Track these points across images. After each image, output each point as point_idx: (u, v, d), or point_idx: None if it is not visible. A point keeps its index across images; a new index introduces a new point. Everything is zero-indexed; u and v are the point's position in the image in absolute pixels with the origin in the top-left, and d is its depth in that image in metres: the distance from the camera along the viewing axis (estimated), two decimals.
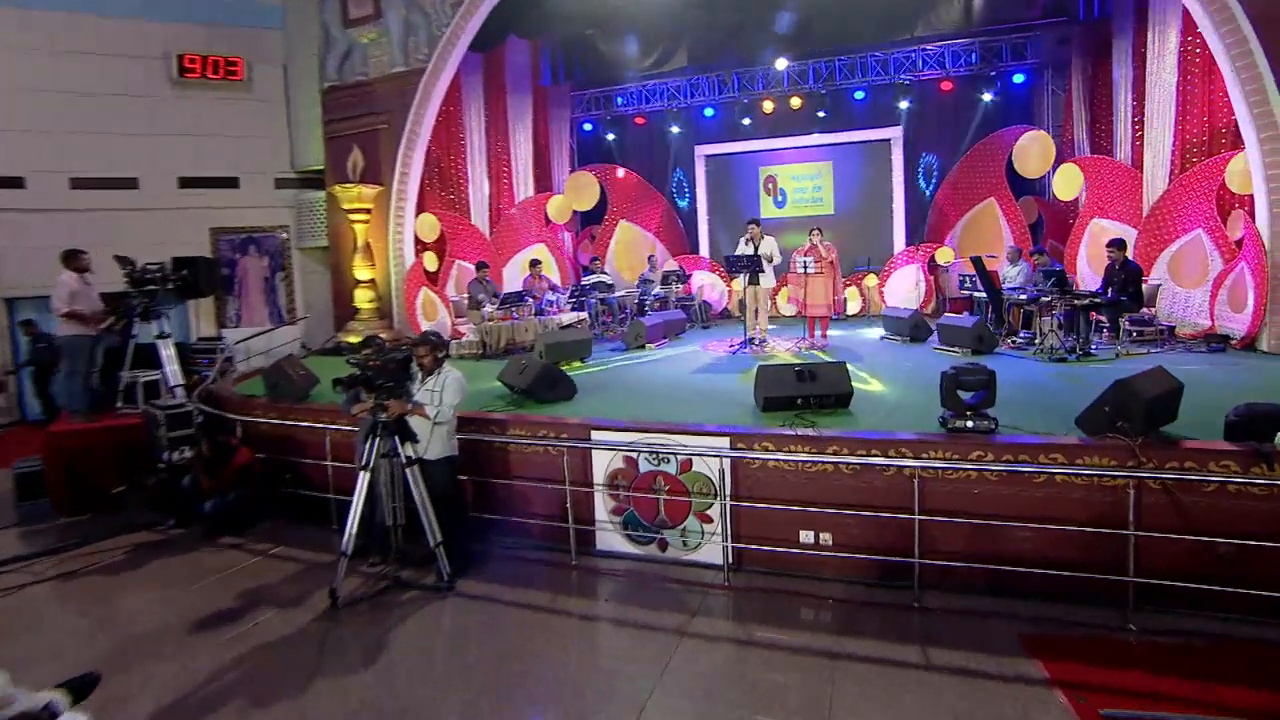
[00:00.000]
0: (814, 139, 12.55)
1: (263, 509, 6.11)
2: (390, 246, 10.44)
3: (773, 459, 4.76)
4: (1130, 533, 4.05)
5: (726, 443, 4.87)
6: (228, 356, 9.18)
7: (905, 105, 11.65)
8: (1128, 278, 7.28)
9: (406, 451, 4.68)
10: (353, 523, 4.60)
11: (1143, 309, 7.66)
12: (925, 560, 4.38)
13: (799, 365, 5.51)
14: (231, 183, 10.96)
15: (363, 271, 10.24)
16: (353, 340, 9.54)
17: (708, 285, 12.63)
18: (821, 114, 12.09)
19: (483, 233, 11.68)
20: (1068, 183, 9.60)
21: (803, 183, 12.94)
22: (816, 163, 12.82)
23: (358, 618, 4.48)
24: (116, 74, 10.13)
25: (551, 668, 3.92)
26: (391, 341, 5.81)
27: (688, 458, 4.95)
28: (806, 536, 4.75)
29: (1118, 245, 7.47)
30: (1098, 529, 4.15)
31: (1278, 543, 3.82)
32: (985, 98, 11.20)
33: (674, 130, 13.18)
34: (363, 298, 10.26)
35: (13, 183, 9.76)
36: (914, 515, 4.38)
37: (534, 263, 11.06)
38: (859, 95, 11.87)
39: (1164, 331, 7.79)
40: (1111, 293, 7.37)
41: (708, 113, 12.85)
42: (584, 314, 10.53)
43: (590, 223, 13.78)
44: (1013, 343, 8.04)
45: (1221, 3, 6.74)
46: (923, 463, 4.45)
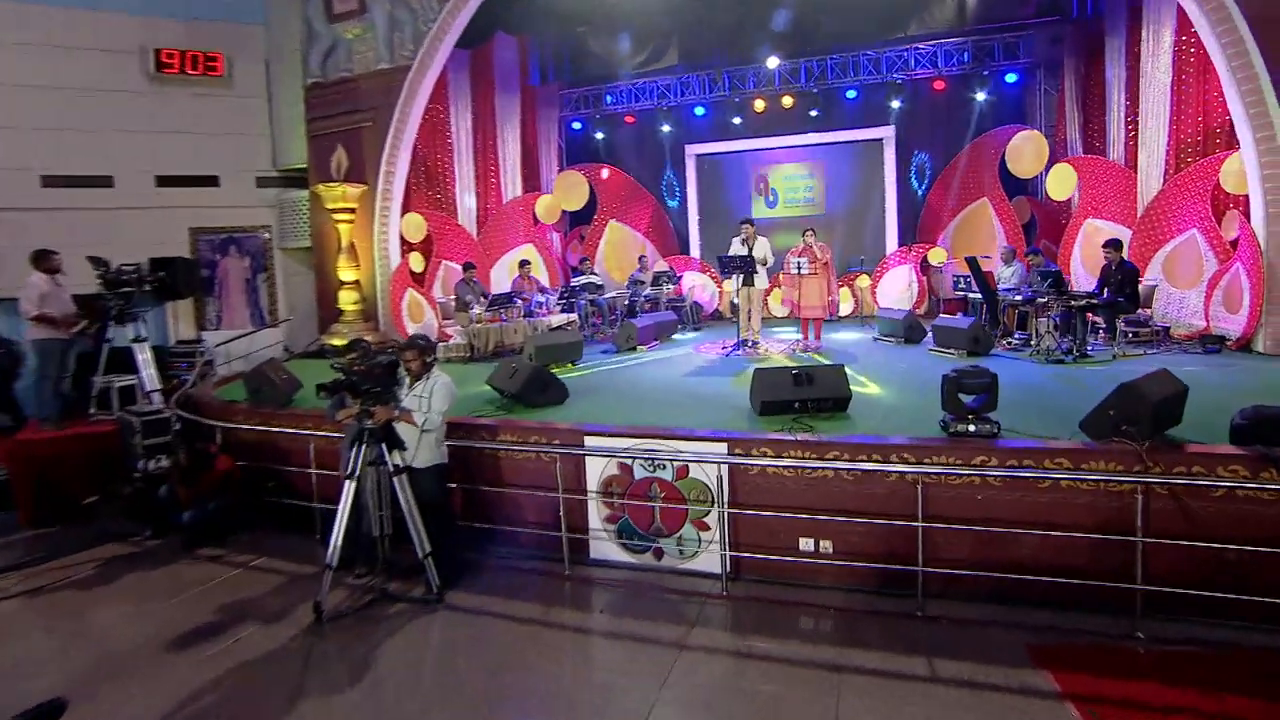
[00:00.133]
0: (806, 138, 12.46)
1: (244, 519, 5.94)
2: (375, 247, 10.29)
3: (772, 465, 4.68)
4: (1138, 539, 3.98)
5: (724, 448, 4.80)
6: (208, 360, 8.97)
7: (897, 104, 11.60)
8: (1124, 278, 7.26)
9: (394, 459, 4.58)
10: (338, 534, 4.48)
11: (1139, 310, 7.64)
12: (928, 568, 4.30)
13: (796, 368, 5.46)
14: (211, 181, 10.72)
15: (347, 273, 10.11)
16: (337, 343, 9.38)
17: (698, 286, 12.54)
18: (813, 113, 12.02)
19: (470, 233, 11.54)
20: (1061, 183, 9.59)
21: (794, 182, 12.87)
22: (808, 162, 12.75)
23: (343, 632, 4.35)
24: (90, 69, 9.83)
25: (545, 683, 3.82)
26: (377, 344, 5.67)
27: (684, 464, 4.87)
28: (806, 544, 4.68)
29: (1114, 245, 7.45)
30: (1104, 535, 4.09)
31: None
32: (978, 97, 11.18)
33: (664, 129, 13.07)
34: (347, 299, 10.12)
35: None
36: (917, 522, 4.31)
37: (523, 263, 10.94)
38: (851, 94, 11.80)
39: (1159, 332, 7.78)
40: (1108, 293, 7.34)
41: (698, 112, 12.74)
42: (574, 316, 10.42)
43: (579, 223, 13.63)
44: (1008, 344, 8.00)
45: (1218, 2, 6.73)
46: (927, 468, 4.38)
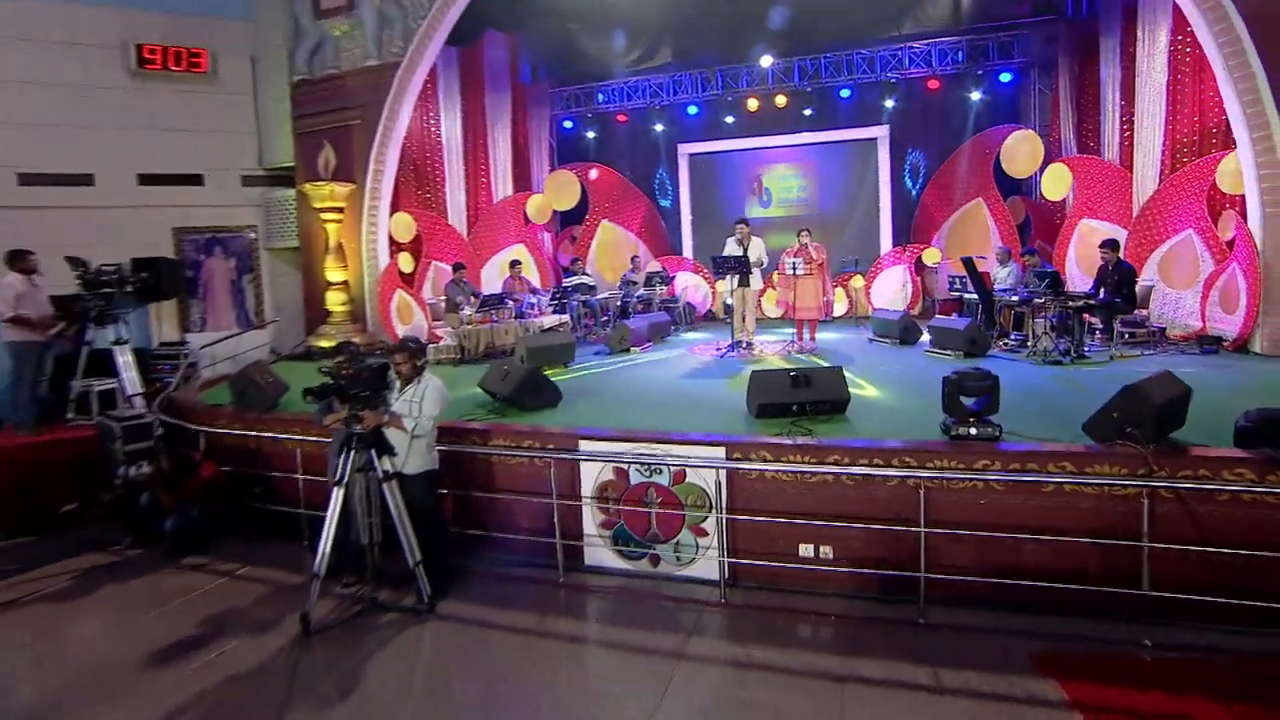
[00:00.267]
0: (799, 137, 12.41)
1: (228, 526, 5.78)
2: (364, 247, 10.14)
3: (771, 469, 4.60)
4: (1145, 544, 3.92)
5: (722, 453, 4.71)
6: (192, 362, 8.77)
7: (891, 104, 11.57)
8: (1121, 279, 7.23)
9: (383, 465, 4.44)
10: (326, 543, 4.35)
11: (1136, 310, 7.61)
12: (930, 574, 4.22)
13: (794, 370, 5.38)
14: (195, 180, 10.50)
15: (335, 273, 9.96)
16: (324, 345, 9.22)
17: (691, 287, 12.45)
18: (807, 112, 11.97)
19: (460, 233, 11.40)
20: (1056, 183, 9.56)
21: (788, 182, 12.81)
22: (802, 162, 12.69)
23: (332, 644, 4.23)
24: (69, 63, 9.56)
25: (541, 694, 3.72)
26: (366, 346, 5.54)
27: (681, 469, 4.78)
28: (806, 550, 4.60)
29: (1111, 246, 7.41)
30: (1109, 540, 4.02)
31: None
32: (973, 96, 11.15)
33: (657, 128, 12.98)
34: (335, 300, 9.97)
35: None
36: (920, 527, 4.23)
37: (514, 264, 10.81)
38: (845, 93, 11.76)
39: (1155, 333, 7.76)
40: (1105, 294, 7.31)
41: (691, 111, 12.67)
42: (566, 316, 10.30)
43: (570, 223, 13.52)
44: (1004, 345, 7.95)
45: (1214, 1, 6.70)
46: (930, 473, 4.31)
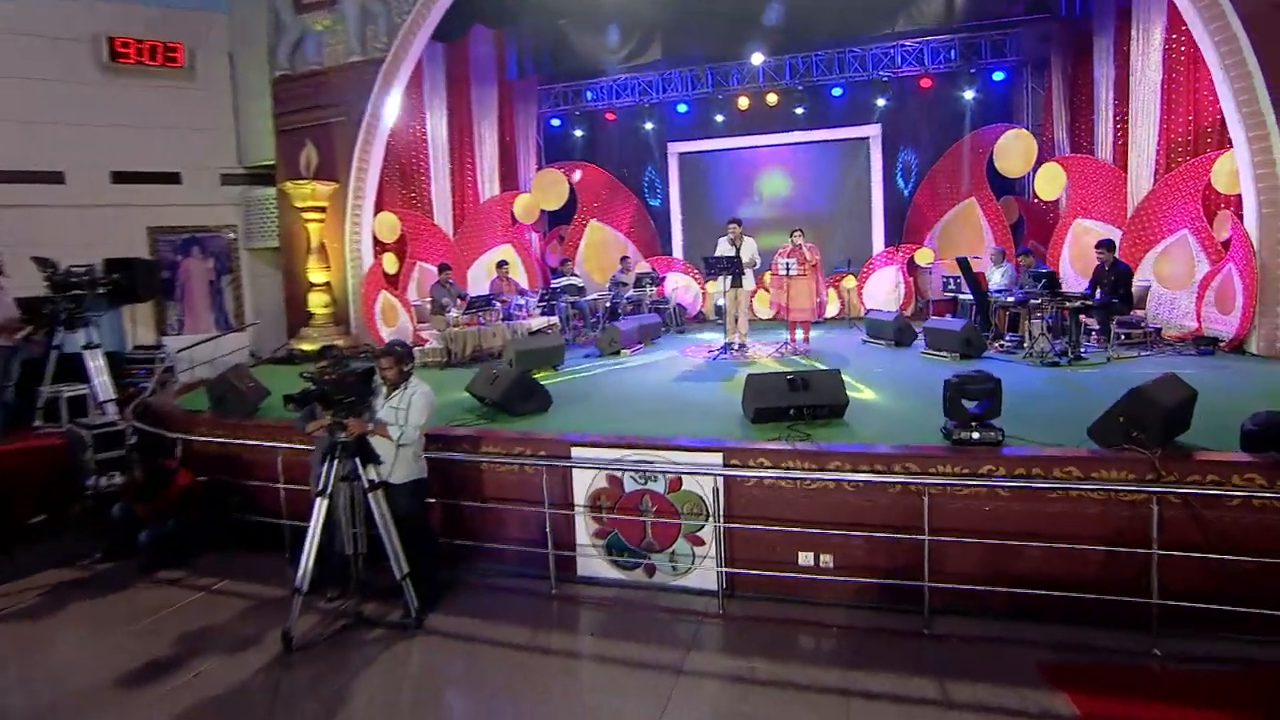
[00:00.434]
0: (791, 136, 12.29)
1: (207, 538, 5.56)
2: (347, 247, 9.93)
3: (769, 476, 4.47)
4: (1154, 551, 3.82)
5: (719, 459, 4.59)
6: (168, 366, 8.51)
7: (883, 102, 11.47)
8: (1118, 279, 7.18)
9: (369, 475, 4.26)
10: (308, 556, 4.17)
11: (1133, 311, 7.57)
12: (934, 584, 4.11)
13: (791, 373, 5.27)
14: (172, 178, 10.24)
15: (317, 274, 9.76)
16: (306, 348, 8.99)
17: (682, 288, 12.31)
18: (799, 111, 11.86)
19: (445, 233, 11.21)
20: (1050, 182, 9.51)
21: (779, 181, 12.70)
22: (793, 161, 12.57)
23: (315, 662, 4.06)
24: (37, 57, 9.25)
25: (534, 712, 3.59)
26: (349, 349, 5.35)
27: (677, 476, 4.65)
28: (806, 559, 4.49)
29: (1107, 246, 7.36)
30: (1117, 547, 3.94)
31: None
32: (965, 95, 11.08)
33: (646, 127, 12.82)
34: (317, 302, 9.77)
35: None
36: (923, 535, 4.12)
37: (501, 264, 10.64)
38: (836, 92, 11.65)
39: (1151, 334, 7.72)
40: (1102, 294, 7.25)
41: (681, 109, 12.51)
42: (554, 318, 10.13)
43: (558, 223, 13.34)
44: (1000, 346, 7.88)
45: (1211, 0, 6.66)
46: (933, 479, 4.20)
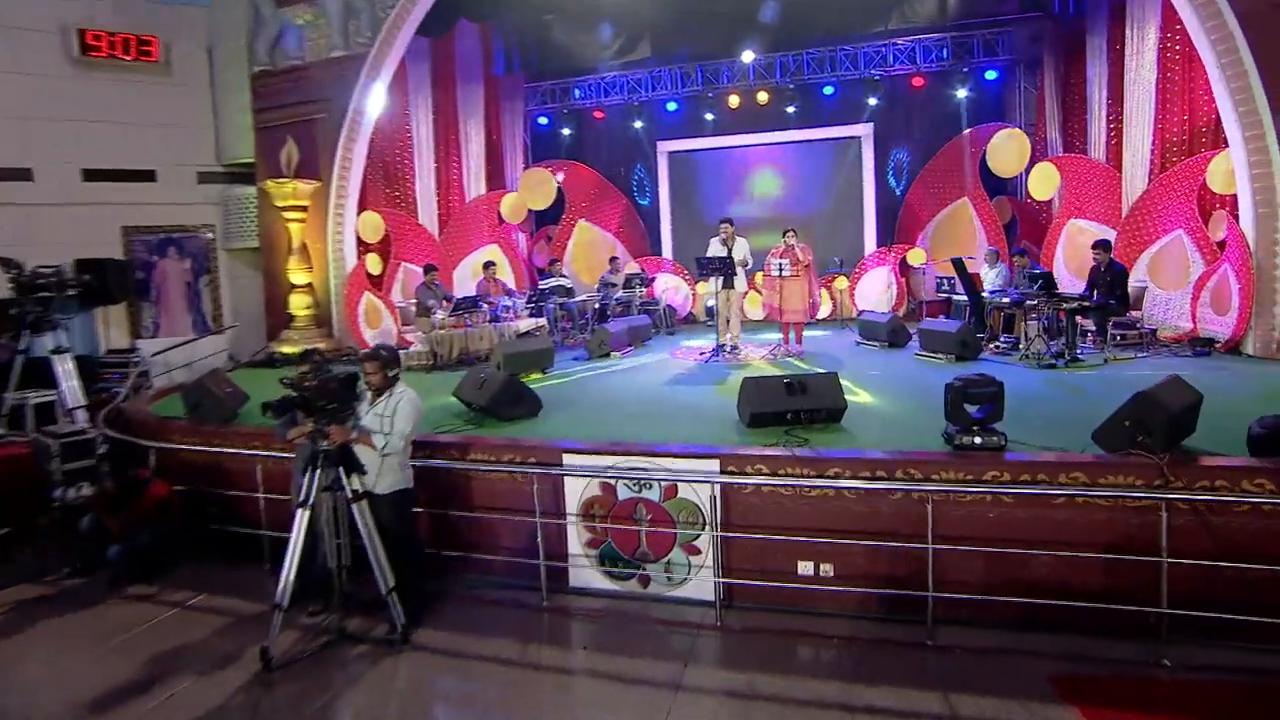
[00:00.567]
0: (782, 135, 12.20)
1: (182, 551, 5.35)
2: (329, 247, 9.73)
3: (768, 483, 4.35)
4: (1163, 559, 3.74)
5: (716, 465, 4.46)
6: (142, 371, 8.23)
7: (875, 101, 11.41)
8: (1114, 280, 7.13)
9: (352, 484, 4.08)
10: (289, 570, 3.99)
11: (1129, 312, 7.53)
12: (938, 593, 4.01)
13: (788, 377, 5.18)
14: (147, 176, 9.96)
15: (298, 275, 9.58)
16: (287, 351, 8.77)
17: (672, 289, 12.17)
18: (790, 109, 11.77)
19: (431, 233, 11.04)
20: (1043, 182, 9.47)
21: (769, 181, 12.60)
22: (784, 160, 12.48)
23: (296, 680, 3.90)
24: (3, 49, 8.94)
25: None
26: (331, 352, 5.15)
27: (672, 483, 4.53)
28: (805, 568, 4.37)
29: (1103, 246, 7.32)
30: (1124, 555, 3.85)
31: None
32: (958, 94, 11.05)
33: (635, 125, 12.68)
34: (299, 304, 9.58)
35: None
36: (927, 543, 4.01)
37: (487, 265, 10.44)
38: (828, 90, 11.57)
39: (1147, 335, 7.68)
40: (1098, 295, 7.20)
41: (671, 107, 12.40)
42: (542, 320, 9.96)
43: (546, 222, 13.15)
44: (996, 348, 7.82)
45: None
46: (936, 485, 4.08)
